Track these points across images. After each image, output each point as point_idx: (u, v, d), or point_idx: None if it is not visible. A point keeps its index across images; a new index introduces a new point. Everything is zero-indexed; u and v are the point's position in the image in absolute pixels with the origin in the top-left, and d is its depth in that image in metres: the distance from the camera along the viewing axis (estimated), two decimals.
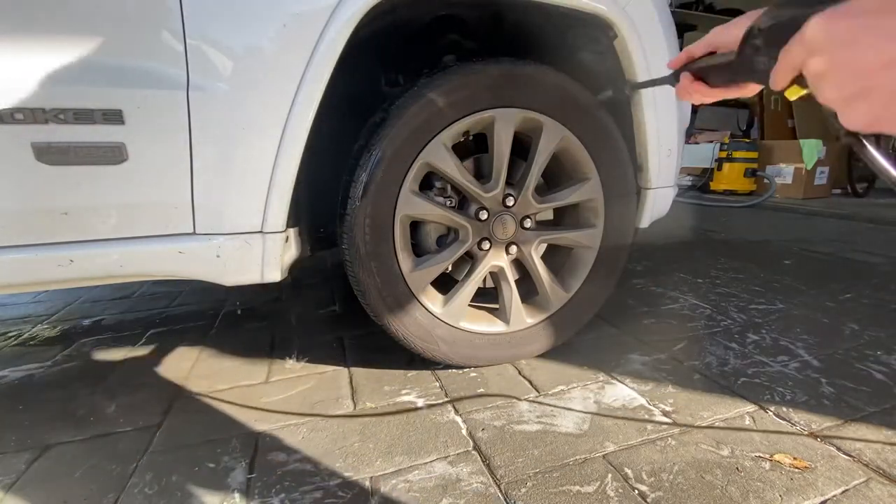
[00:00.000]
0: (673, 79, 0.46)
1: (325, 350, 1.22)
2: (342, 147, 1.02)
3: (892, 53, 0.25)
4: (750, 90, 0.41)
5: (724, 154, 4.56)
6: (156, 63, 0.73)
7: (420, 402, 0.97)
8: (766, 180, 4.48)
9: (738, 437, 0.84)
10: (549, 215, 1.24)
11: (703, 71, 0.43)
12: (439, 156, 0.95)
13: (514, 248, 1.08)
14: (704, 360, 1.15)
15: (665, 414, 0.92)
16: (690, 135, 4.79)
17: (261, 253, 0.86)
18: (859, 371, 1.09)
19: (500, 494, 0.72)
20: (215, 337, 1.32)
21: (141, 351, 1.24)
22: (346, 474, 0.76)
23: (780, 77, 0.32)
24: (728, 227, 3.05)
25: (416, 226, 1.12)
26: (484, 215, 1.03)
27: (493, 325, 1.11)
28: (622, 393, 1.00)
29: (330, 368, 1.13)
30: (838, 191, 4.84)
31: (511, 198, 1.04)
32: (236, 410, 0.95)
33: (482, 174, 1.05)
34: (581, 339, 1.24)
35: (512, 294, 1.09)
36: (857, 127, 0.28)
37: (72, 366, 1.16)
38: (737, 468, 0.77)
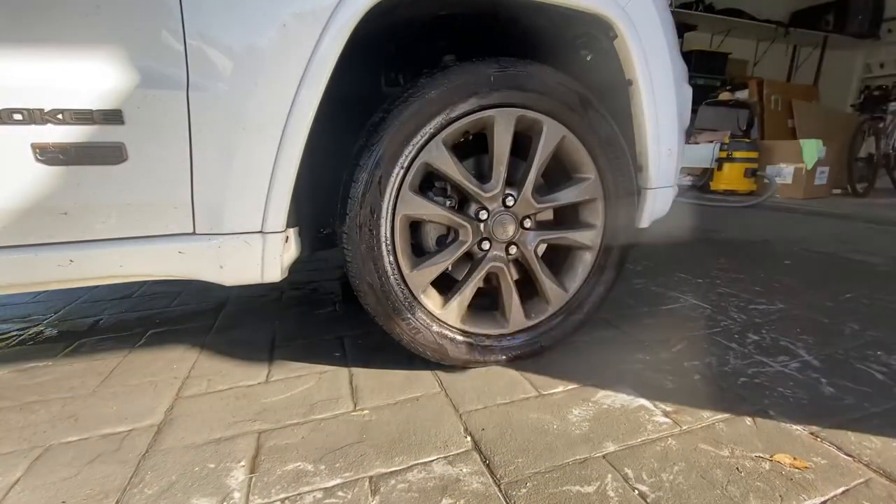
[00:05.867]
0: None
1: (325, 350, 1.22)
2: (342, 147, 1.02)
3: None
4: None
5: (724, 154, 4.56)
6: (156, 63, 0.73)
7: (420, 403, 0.97)
8: (766, 180, 4.48)
9: (738, 437, 0.84)
10: (549, 215, 1.24)
11: None
12: (439, 156, 0.95)
13: (513, 248, 1.08)
14: (704, 360, 1.15)
15: (665, 414, 0.92)
16: (690, 135, 4.79)
17: (261, 253, 0.86)
18: (859, 371, 1.09)
19: (499, 494, 0.72)
20: (215, 337, 1.32)
21: (141, 351, 1.24)
22: (346, 474, 0.76)
23: None
24: (728, 227, 3.05)
25: (416, 226, 1.12)
26: (484, 215, 1.03)
27: (493, 326, 1.11)
28: (622, 393, 1.00)
29: (330, 368, 1.13)
30: (838, 191, 4.84)
31: (511, 198, 1.04)
32: (236, 410, 0.95)
33: (482, 174, 1.05)
34: (581, 339, 1.24)
35: (512, 294, 1.09)
36: None
37: (72, 365, 1.16)
38: (737, 468, 0.77)
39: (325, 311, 1.50)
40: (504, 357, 1.11)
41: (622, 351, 1.20)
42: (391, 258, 0.97)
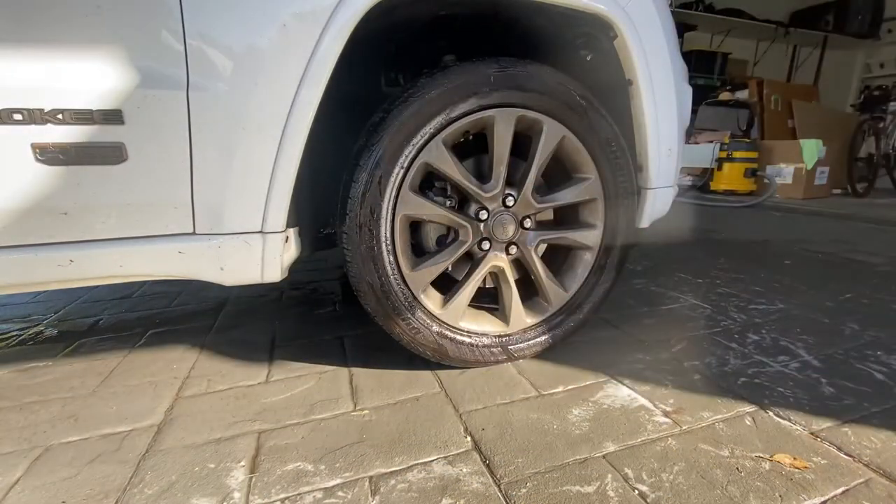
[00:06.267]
0: None
1: (325, 350, 1.22)
2: (342, 147, 1.02)
3: None
4: None
5: (724, 154, 4.56)
6: (156, 63, 0.73)
7: (420, 403, 0.97)
8: (766, 180, 4.48)
9: (738, 437, 0.84)
10: (550, 215, 1.24)
11: None
12: (439, 156, 0.95)
13: (514, 248, 1.08)
14: (704, 360, 1.15)
15: (665, 414, 0.92)
16: (690, 135, 4.79)
17: (261, 253, 0.86)
18: (859, 371, 1.09)
19: (499, 494, 0.72)
20: (215, 337, 1.32)
21: (141, 351, 1.24)
22: (346, 474, 0.76)
23: None
24: (728, 227, 3.05)
25: (416, 226, 1.12)
26: (484, 215, 1.03)
27: (493, 325, 1.11)
28: (622, 393, 1.00)
29: (330, 368, 1.13)
30: (838, 191, 4.84)
31: (511, 198, 1.04)
32: (236, 410, 0.95)
33: (482, 174, 1.05)
34: (581, 339, 1.24)
35: (512, 294, 1.09)
36: None
37: (72, 365, 1.16)
38: (737, 468, 0.77)
39: (325, 311, 1.50)
40: (504, 357, 1.11)
41: (622, 351, 1.20)
42: (391, 258, 0.97)
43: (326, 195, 1.04)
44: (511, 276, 1.08)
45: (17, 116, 0.68)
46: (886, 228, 3.06)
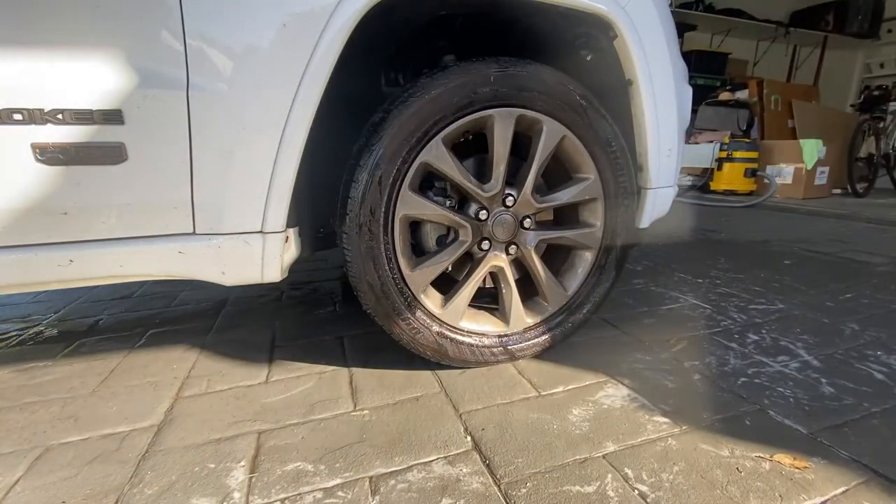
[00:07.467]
0: None
1: (325, 350, 1.22)
2: (342, 147, 1.02)
3: None
4: None
5: (724, 154, 4.56)
6: (156, 63, 0.73)
7: (420, 402, 0.97)
8: (766, 180, 4.48)
9: (738, 437, 0.84)
10: (550, 215, 1.24)
11: None
12: (439, 155, 0.95)
13: (513, 248, 1.08)
14: (704, 360, 1.14)
15: (665, 414, 0.92)
16: (690, 135, 4.79)
17: (261, 253, 0.86)
18: (859, 371, 1.09)
19: (499, 494, 0.72)
20: (215, 337, 1.32)
21: (141, 351, 1.24)
22: (346, 474, 0.76)
23: None
24: (728, 227, 3.05)
25: (416, 226, 1.12)
26: (483, 215, 1.03)
27: (494, 325, 1.11)
28: (622, 393, 1.00)
29: (330, 368, 1.13)
30: (838, 191, 4.85)
31: (511, 197, 1.04)
32: (236, 410, 0.95)
33: (482, 174, 1.05)
34: (581, 339, 1.24)
35: (512, 294, 1.09)
36: None
37: (72, 366, 1.16)
38: (737, 468, 0.77)
39: (325, 311, 1.50)
40: (504, 357, 1.11)
41: (622, 351, 1.20)
42: (391, 258, 0.97)
43: (326, 195, 1.04)
44: (511, 276, 1.08)
45: (17, 116, 0.68)
46: (886, 228, 3.06)
